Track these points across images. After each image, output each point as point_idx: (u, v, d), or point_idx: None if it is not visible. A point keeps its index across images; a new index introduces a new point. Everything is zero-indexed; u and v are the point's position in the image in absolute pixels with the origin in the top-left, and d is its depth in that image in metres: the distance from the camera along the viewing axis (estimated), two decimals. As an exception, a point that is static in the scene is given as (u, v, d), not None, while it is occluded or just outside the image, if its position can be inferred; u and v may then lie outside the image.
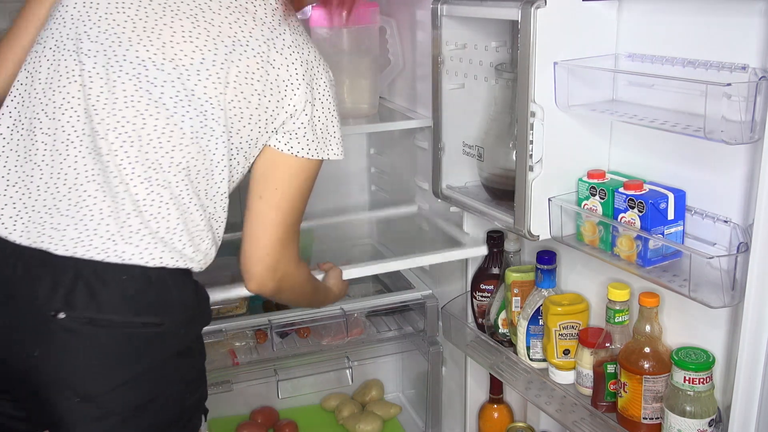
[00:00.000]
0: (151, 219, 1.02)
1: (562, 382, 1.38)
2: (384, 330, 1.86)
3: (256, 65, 1.06)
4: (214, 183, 1.07)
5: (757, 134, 0.96)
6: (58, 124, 1.02)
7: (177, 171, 1.03)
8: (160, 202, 1.02)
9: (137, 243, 1.01)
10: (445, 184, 1.51)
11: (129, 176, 1.01)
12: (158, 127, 1.02)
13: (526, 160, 1.21)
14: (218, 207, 1.09)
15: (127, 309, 1.01)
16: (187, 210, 1.05)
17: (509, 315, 1.50)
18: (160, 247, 1.02)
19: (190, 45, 1.03)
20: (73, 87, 1.03)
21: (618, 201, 1.15)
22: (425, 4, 1.48)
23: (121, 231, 1.01)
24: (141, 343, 1.02)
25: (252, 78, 1.06)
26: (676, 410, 1.12)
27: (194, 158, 1.04)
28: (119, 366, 1.02)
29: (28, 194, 1.03)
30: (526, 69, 1.17)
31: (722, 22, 1.05)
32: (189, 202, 1.05)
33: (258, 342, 1.76)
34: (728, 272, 1.02)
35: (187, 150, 1.03)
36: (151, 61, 1.02)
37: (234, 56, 1.05)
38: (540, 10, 1.13)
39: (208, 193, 1.07)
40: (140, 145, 1.01)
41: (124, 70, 1.02)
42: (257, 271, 1.16)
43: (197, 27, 1.04)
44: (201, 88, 1.03)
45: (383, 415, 2.08)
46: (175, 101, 1.02)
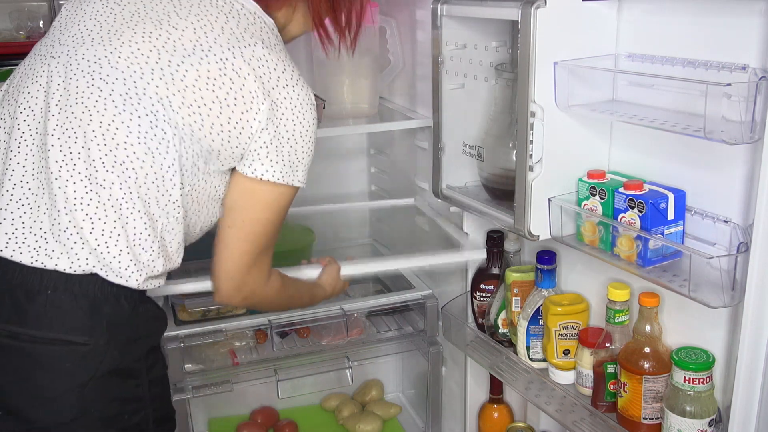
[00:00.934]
0: (84, 220, 0.98)
1: (562, 382, 1.38)
2: (384, 330, 1.86)
3: (217, 71, 1.02)
4: (165, 191, 1.02)
5: (757, 134, 0.96)
6: (15, 122, 1.03)
7: (120, 171, 0.99)
8: (97, 202, 0.98)
9: (65, 242, 0.98)
10: (445, 184, 1.51)
11: (69, 173, 0.98)
12: (104, 123, 0.99)
13: (526, 160, 1.21)
14: (171, 218, 1.03)
15: (50, 325, 0.97)
16: (127, 215, 1.00)
17: (509, 315, 1.50)
18: (87, 251, 0.98)
19: (147, 45, 1.01)
20: (34, 87, 1.03)
21: (618, 201, 1.15)
22: (425, 4, 1.48)
23: (52, 229, 0.98)
24: (66, 362, 0.99)
25: (213, 84, 1.01)
26: (676, 410, 1.12)
27: (140, 159, 0.99)
28: (42, 382, 0.98)
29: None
30: (526, 69, 1.17)
31: (722, 22, 1.05)
32: (132, 207, 1.00)
33: (258, 342, 1.76)
34: (728, 272, 1.02)
35: (132, 150, 0.99)
36: (106, 60, 1.01)
37: (193, 59, 1.01)
38: (540, 10, 1.13)
39: (159, 202, 1.02)
40: (84, 142, 0.98)
41: (81, 67, 1.01)
42: (224, 288, 1.15)
43: (159, 29, 1.03)
44: (153, 87, 1.00)
45: (383, 415, 2.08)
46: (124, 98, 0.99)
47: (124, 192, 0.99)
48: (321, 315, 1.75)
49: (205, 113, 1.01)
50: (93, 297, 0.99)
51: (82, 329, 0.98)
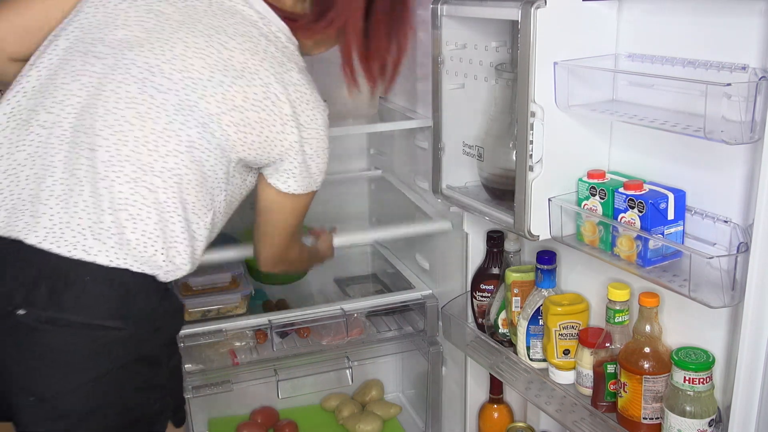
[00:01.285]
0: (128, 219, 1.01)
1: (562, 382, 1.38)
2: (384, 330, 1.86)
3: (262, 94, 1.08)
4: (205, 198, 1.08)
5: (757, 134, 0.96)
6: (55, 118, 1.04)
7: (167, 177, 1.04)
8: (141, 204, 1.02)
9: (105, 240, 1.00)
10: (445, 184, 1.51)
11: (116, 174, 1.01)
12: (156, 130, 1.03)
13: (526, 160, 1.21)
14: (201, 225, 1.09)
15: (86, 311, 1.00)
16: (167, 218, 1.04)
17: (509, 315, 1.50)
18: (125, 249, 1.01)
19: (200, 61, 1.06)
20: (75, 85, 1.05)
21: (618, 201, 1.15)
22: (425, 4, 1.48)
23: (92, 227, 1.00)
24: (100, 347, 1.02)
25: (257, 106, 1.08)
26: (676, 410, 1.12)
27: (187, 167, 1.05)
28: (77, 368, 1.01)
29: (16, 182, 1.03)
30: (526, 69, 1.17)
31: (722, 22, 1.05)
32: (173, 211, 1.05)
33: (258, 342, 1.76)
34: (728, 272, 1.02)
35: (180, 158, 1.04)
36: (159, 69, 1.05)
37: (242, 81, 1.07)
38: (540, 10, 1.13)
39: (195, 207, 1.07)
40: (135, 146, 1.02)
41: (131, 72, 1.04)
42: (269, 265, 1.34)
43: (210, 47, 1.07)
44: (204, 103, 1.05)
45: (383, 415, 2.08)
46: (176, 109, 1.04)
47: (168, 196, 1.04)
48: (321, 315, 1.75)
49: (248, 131, 1.09)
50: (127, 286, 1.02)
51: (117, 315, 1.02)
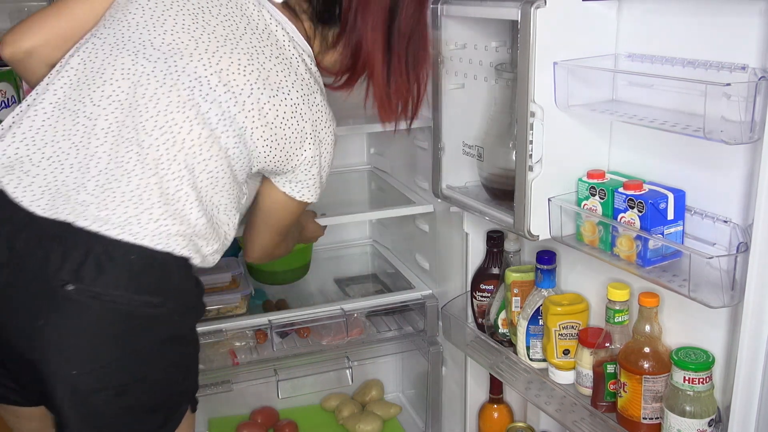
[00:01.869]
0: (175, 212, 1.08)
1: (562, 382, 1.38)
2: (384, 330, 1.86)
3: (291, 113, 1.17)
4: (233, 201, 1.18)
5: (757, 134, 0.96)
6: (102, 111, 1.09)
7: (206, 178, 1.11)
8: (185, 200, 1.09)
9: (150, 228, 1.06)
10: (445, 184, 1.51)
11: (164, 170, 1.08)
12: (202, 136, 1.10)
13: (526, 160, 1.21)
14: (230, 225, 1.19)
15: (130, 286, 1.05)
16: (208, 214, 1.13)
17: (509, 315, 1.50)
18: (167, 237, 1.07)
19: (242, 78, 1.13)
20: (125, 83, 1.10)
21: (618, 201, 1.15)
22: (425, 4, 1.48)
23: (139, 216, 1.06)
24: (139, 322, 1.07)
25: (286, 123, 1.17)
26: (676, 410, 1.12)
27: (224, 171, 1.13)
28: (117, 341, 1.05)
29: (60, 169, 1.07)
30: (526, 69, 1.17)
31: (722, 22, 1.05)
32: (211, 209, 1.13)
33: (258, 342, 1.76)
34: (728, 272, 1.02)
35: (219, 163, 1.12)
36: (206, 80, 1.11)
37: (276, 100, 1.15)
38: (540, 10, 1.13)
39: (227, 208, 1.17)
40: (182, 147, 1.09)
41: (181, 80, 1.10)
42: (256, 258, 1.43)
43: (252, 64, 1.14)
44: (242, 116, 1.13)
45: (383, 415, 2.08)
46: (218, 119, 1.11)
47: (208, 196, 1.12)
48: (321, 315, 1.75)
49: (274, 146, 1.17)
50: (167, 266, 1.09)
51: (157, 291, 1.08)
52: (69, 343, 1.03)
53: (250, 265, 1.96)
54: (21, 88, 1.69)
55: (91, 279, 1.02)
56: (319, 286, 2.11)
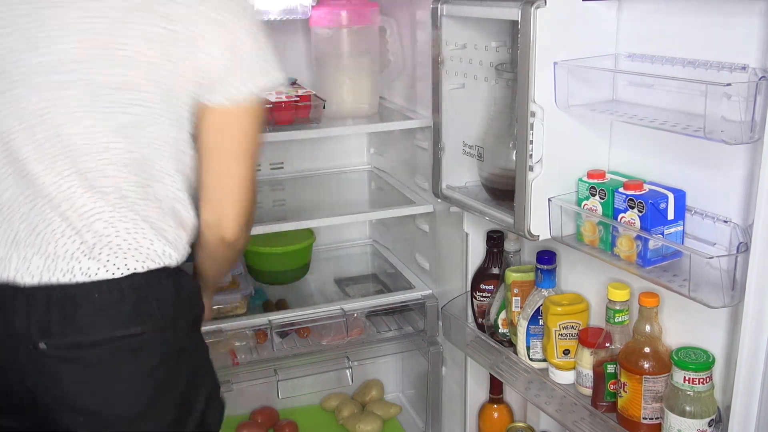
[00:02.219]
0: (106, 227, 1.00)
1: (562, 382, 1.38)
2: (384, 330, 1.86)
3: (167, 32, 0.99)
4: (165, 165, 1.04)
5: (757, 134, 0.96)
6: None
7: (114, 170, 1.01)
8: (109, 207, 1.01)
9: (98, 257, 1.00)
10: (445, 184, 1.51)
11: (70, 191, 1.00)
12: (82, 134, 1.00)
13: (526, 160, 1.21)
14: (175, 190, 1.06)
15: (105, 326, 1.01)
16: (141, 206, 1.03)
17: (509, 315, 1.50)
18: (122, 256, 1.01)
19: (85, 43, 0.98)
20: None
21: (618, 201, 1.15)
22: (425, 4, 1.48)
23: (80, 248, 1.00)
24: (127, 356, 1.03)
25: (164, 45, 1.00)
26: (676, 410, 1.12)
27: (129, 150, 1.01)
28: (112, 381, 1.02)
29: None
30: (526, 69, 1.17)
31: (722, 22, 1.05)
32: (141, 198, 1.02)
33: (258, 342, 1.76)
34: (728, 272, 1.02)
35: (119, 146, 1.01)
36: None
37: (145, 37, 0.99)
38: (540, 10, 1.13)
39: (162, 179, 1.04)
40: (73, 157, 0.99)
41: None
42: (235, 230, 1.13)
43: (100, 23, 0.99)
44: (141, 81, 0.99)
45: (383, 415, 2.08)
46: (91, 100, 1.00)
47: (130, 186, 1.01)
48: (321, 315, 1.75)
49: (175, 70, 1.01)
50: (138, 288, 1.02)
51: (133, 321, 1.02)
52: (61, 396, 1.02)
53: (250, 264, 1.97)
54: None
55: (61, 332, 0.99)
56: (319, 286, 2.11)
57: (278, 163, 2.11)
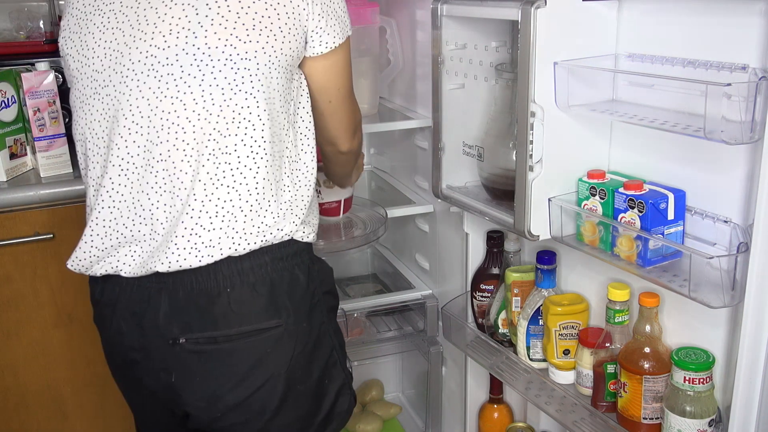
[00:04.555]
0: (241, 211, 1.06)
1: (562, 382, 1.38)
2: (384, 330, 1.86)
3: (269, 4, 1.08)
4: (278, 136, 1.10)
5: (757, 134, 0.96)
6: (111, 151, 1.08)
7: (241, 153, 1.06)
8: (240, 191, 1.06)
9: (232, 236, 1.05)
10: (445, 184, 1.51)
11: (218, 179, 1.05)
12: (235, 119, 1.06)
13: (526, 160, 1.21)
14: (292, 159, 1.14)
15: (242, 321, 1.05)
16: (260, 185, 1.08)
17: (509, 315, 1.50)
18: (248, 235, 1.06)
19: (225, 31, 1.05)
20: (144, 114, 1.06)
21: (618, 201, 1.15)
22: (425, 4, 1.48)
23: (213, 231, 1.05)
24: (266, 348, 1.08)
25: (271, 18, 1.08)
26: (676, 410, 1.12)
27: (254, 128, 1.07)
28: (251, 373, 1.08)
29: (122, 224, 1.09)
30: (526, 69, 1.17)
31: (722, 22, 1.05)
32: (263, 176, 1.08)
33: (258, 342, 1.76)
34: (728, 272, 1.02)
35: (242, 128, 1.06)
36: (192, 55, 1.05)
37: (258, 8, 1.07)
38: (540, 10, 1.13)
39: (276, 152, 1.10)
40: (206, 146, 1.05)
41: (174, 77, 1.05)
42: (353, 144, 1.34)
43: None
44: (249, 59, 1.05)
45: (383, 415, 2.08)
46: (236, 83, 1.05)
47: (250, 166, 1.07)
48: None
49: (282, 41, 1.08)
50: (270, 280, 1.08)
51: (270, 314, 1.08)
52: (203, 391, 1.08)
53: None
54: (21, 88, 1.69)
55: (200, 326, 1.05)
56: (319, 286, 2.11)
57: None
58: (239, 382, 1.09)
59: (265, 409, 1.11)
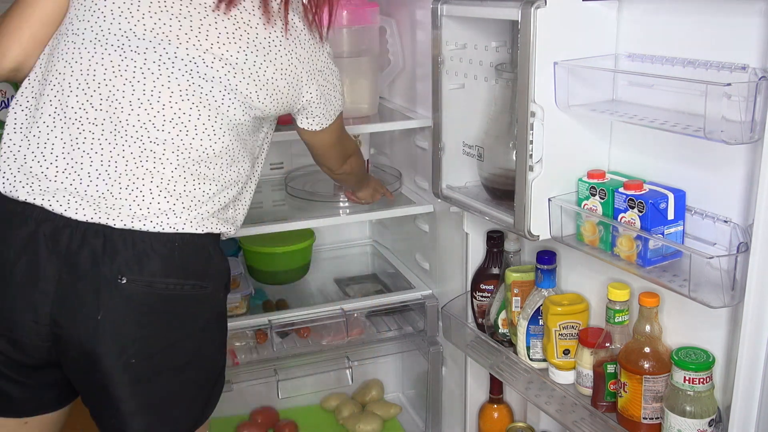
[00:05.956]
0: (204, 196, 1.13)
1: (562, 382, 1.38)
2: (384, 330, 1.86)
3: (287, 62, 1.17)
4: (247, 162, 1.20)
5: (757, 134, 0.96)
6: (105, 114, 1.08)
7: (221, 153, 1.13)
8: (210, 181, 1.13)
9: (186, 216, 1.11)
10: (445, 184, 1.51)
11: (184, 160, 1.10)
12: (211, 117, 1.11)
13: (526, 160, 1.21)
14: (248, 184, 1.24)
15: (179, 272, 1.10)
16: (233, 185, 1.17)
17: (509, 315, 1.50)
18: (200, 220, 1.12)
19: (234, 46, 1.12)
20: (119, 80, 1.09)
21: (618, 201, 1.15)
22: (425, 4, 1.48)
23: (173, 207, 1.09)
24: (192, 303, 1.13)
25: (285, 74, 1.17)
26: (676, 410, 1.12)
27: (233, 142, 1.15)
28: (173, 325, 1.11)
29: (79, 180, 1.08)
30: (526, 69, 1.17)
31: (722, 22, 1.05)
32: (234, 178, 1.17)
33: (258, 342, 1.76)
34: (728, 272, 1.02)
35: (229, 136, 1.14)
36: (201, 59, 1.10)
37: (271, 56, 1.15)
38: (540, 10, 1.13)
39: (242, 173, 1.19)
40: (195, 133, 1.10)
41: (177, 66, 1.09)
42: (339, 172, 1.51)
43: (238, 29, 1.13)
44: (244, 85, 1.13)
45: (383, 415, 2.08)
46: (223, 95, 1.12)
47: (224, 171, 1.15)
48: (321, 315, 1.75)
49: (280, 97, 1.19)
50: (207, 247, 1.15)
51: (203, 274, 1.14)
52: (128, 333, 1.07)
53: (251, 265, 1.97)
54: (21, 88, 1.69)
55: (140, 270, 1.07)
56: (319, 286, 2.11)
57: (278, 163, 2.11)
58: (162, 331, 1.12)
59: (175, 364, 1.14)
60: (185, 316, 1.12)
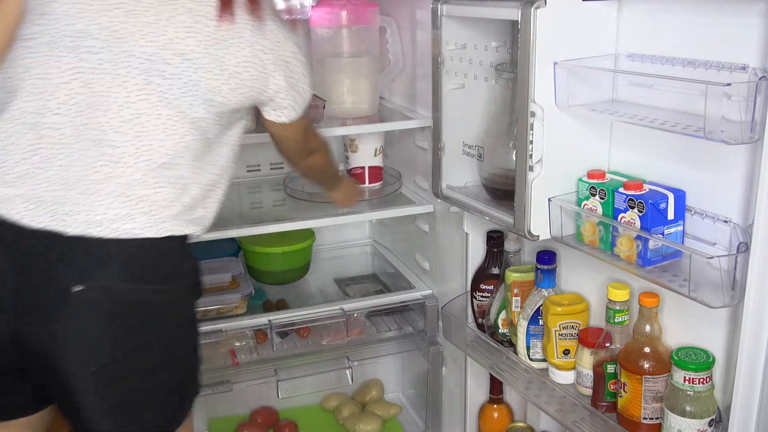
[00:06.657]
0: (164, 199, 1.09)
1: (562, 382, 1.38)
2: (384, 330, 1.86)
3: (250, 54, 1.13)
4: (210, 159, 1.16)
5: (757, 134, 0.96)
6: (63, 119, 1.06)
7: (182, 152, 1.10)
8: (171, 183, 1.09)
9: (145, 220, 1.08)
10: (445, 184, 1.51)
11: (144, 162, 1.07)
12: (171, 116, 1.08)
13: (526, 160, 1.21)
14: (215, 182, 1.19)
15: (136, 277, 1.07)
16: (195, 185, 1.13)
17: (509, 315, 1.50)
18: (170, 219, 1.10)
19: (193, 40, 1.08)
20: (77, 83, 1.06)
21: (618, 201, 1.15)
22: (425, 4, 1.48)
23: (131, 212, 1.07)
24: (154, 309, 1.10)
25: (248, 65, 1.13)
26: (676, 410, 1.12)
27: (195, 140, 1.11)
28: (135, 331, 1.08)
29: (37, 185, 1.06)
30: (526, 69, 1.17)
31: (722, 22, 1.05)
32: (192, 182, 1.13)
33: (258, 342, 1.76)
34: (728, 272, 1.02)
35: (192, 135, 1.10)
36: (158, 56, 1.06)
37: (233, 49, 1.11)
38: (540, 10, 1.13)
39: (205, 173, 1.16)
40: (154, 134, 1.07)
41: (133, 65, 1.06)
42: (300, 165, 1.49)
43: (197, 23, 1.09)
44: (205, 81, 1.09)
45: (383, 415, 2.08)
46: (182, 92, 1.08)
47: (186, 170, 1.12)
48: (321, 315, 1.75)
49: (244, 91, 1.15)
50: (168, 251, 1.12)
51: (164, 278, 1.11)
52: (88, 340, 1.05)
53: (250, 264, 1.97)
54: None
55: (97, 277, 1.04)
56: (319, 286, 2.11)
57: (278, 163, 2.11)
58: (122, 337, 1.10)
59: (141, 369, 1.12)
60: (152, 318, 1.10)
